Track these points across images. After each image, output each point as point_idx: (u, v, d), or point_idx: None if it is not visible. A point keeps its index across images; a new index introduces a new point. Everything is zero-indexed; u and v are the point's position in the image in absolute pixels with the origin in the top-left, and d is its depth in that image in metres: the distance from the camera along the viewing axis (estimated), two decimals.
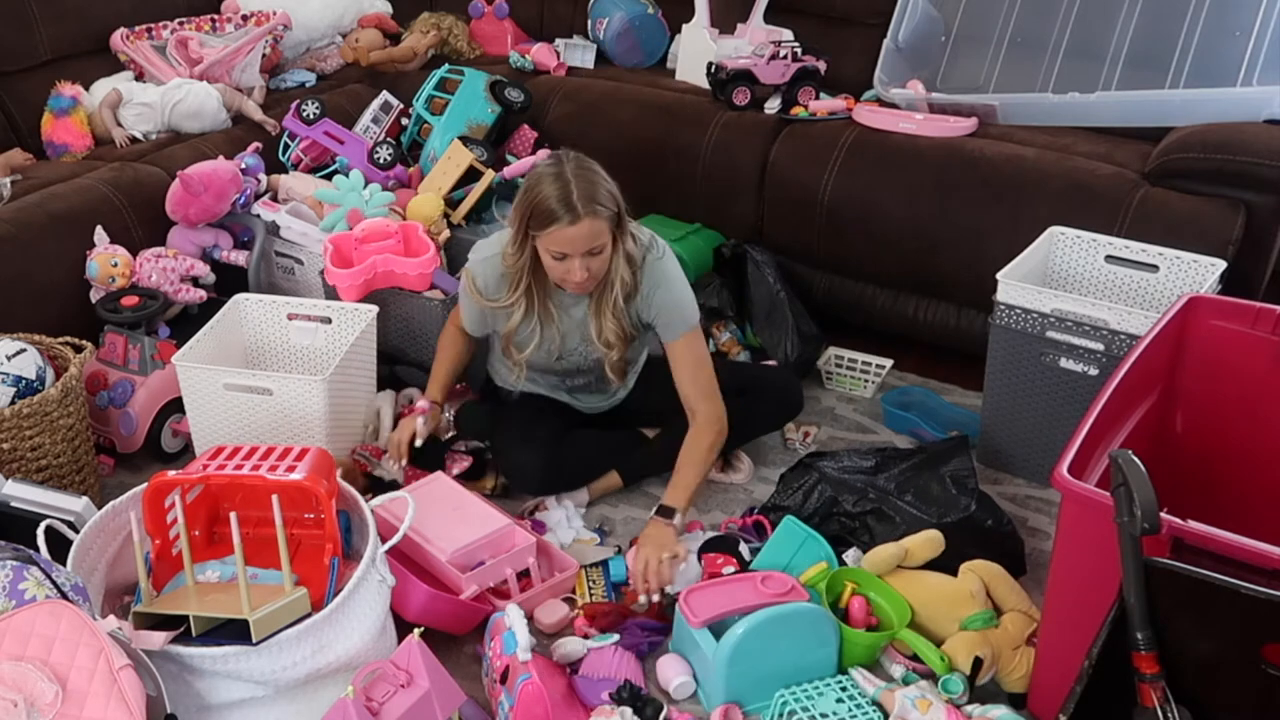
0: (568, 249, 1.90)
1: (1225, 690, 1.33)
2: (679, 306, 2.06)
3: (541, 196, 1.88)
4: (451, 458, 2.23)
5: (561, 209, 1.86)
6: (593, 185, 1.89)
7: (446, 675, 1.61)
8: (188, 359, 2.16)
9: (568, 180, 1.88)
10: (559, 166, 1.91)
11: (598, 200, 1.88)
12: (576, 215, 1.87)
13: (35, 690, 1.34)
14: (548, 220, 1.88)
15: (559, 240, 1.89)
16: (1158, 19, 2.61)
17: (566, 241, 1.89)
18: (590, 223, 1.88)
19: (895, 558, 1.84)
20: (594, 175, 1.92)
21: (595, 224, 1.88)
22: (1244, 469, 1.86)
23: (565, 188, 1.87)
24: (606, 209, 1.90)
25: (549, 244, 1.91)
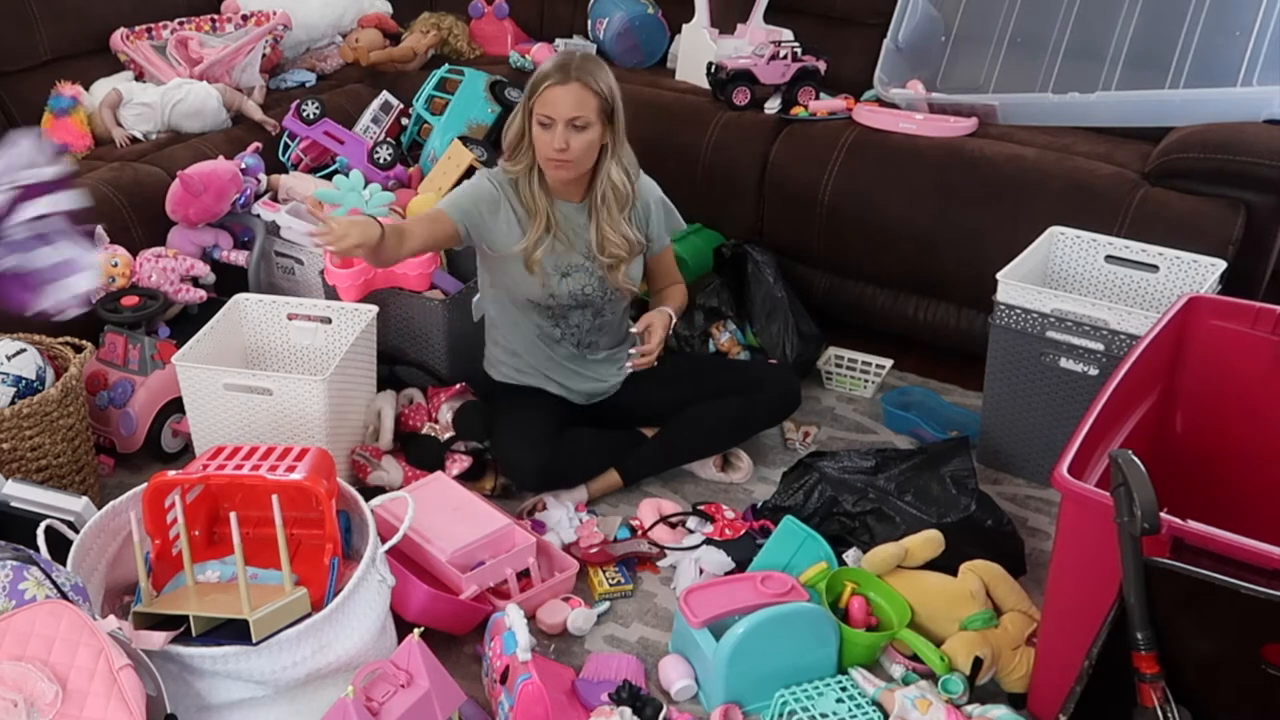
0: (552, 111, 2.00)
1: (1225, 690, 1.33)
2: (671, 213, 2.27)
3: (543, 65, 2.06)
4: (451, 458, 2.23)
5: (554, 69, 2.01)
6: (594, 64, 2.04)
7: (446, 675, 1.61)
8: (188, 359, 2.16)
9: (572, 54, 2.05)
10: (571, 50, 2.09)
11: (592, 75, 2.01)
12: (567, 76, 1.99)
13: (35, 690, 1.34)
14: (539, 81, 2.02)
15: (546, 100, 2.00)
16: (1158, 19, 2.61)
17: (553, 102, 2.00)
18: (578, 88, 1.99)
19: (895, 558, 1.84)
20: (599, 62, 2.07)
21: (583, 93, 2.00)
22: (1244, 469, 1.85)
23: (567, 58, 2.04)
24: (597, 85, 2.02)
25: (538, 106, 2.02)
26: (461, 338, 2.45)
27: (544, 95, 2.00)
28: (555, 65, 2.02)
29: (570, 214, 2.15)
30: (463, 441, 2.26)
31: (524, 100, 2.06)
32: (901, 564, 1.85)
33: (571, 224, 2.16)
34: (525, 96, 2.06)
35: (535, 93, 2.02)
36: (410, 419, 2.35)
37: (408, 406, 2.37)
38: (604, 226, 2.14)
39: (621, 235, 2.15)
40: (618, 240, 2.14)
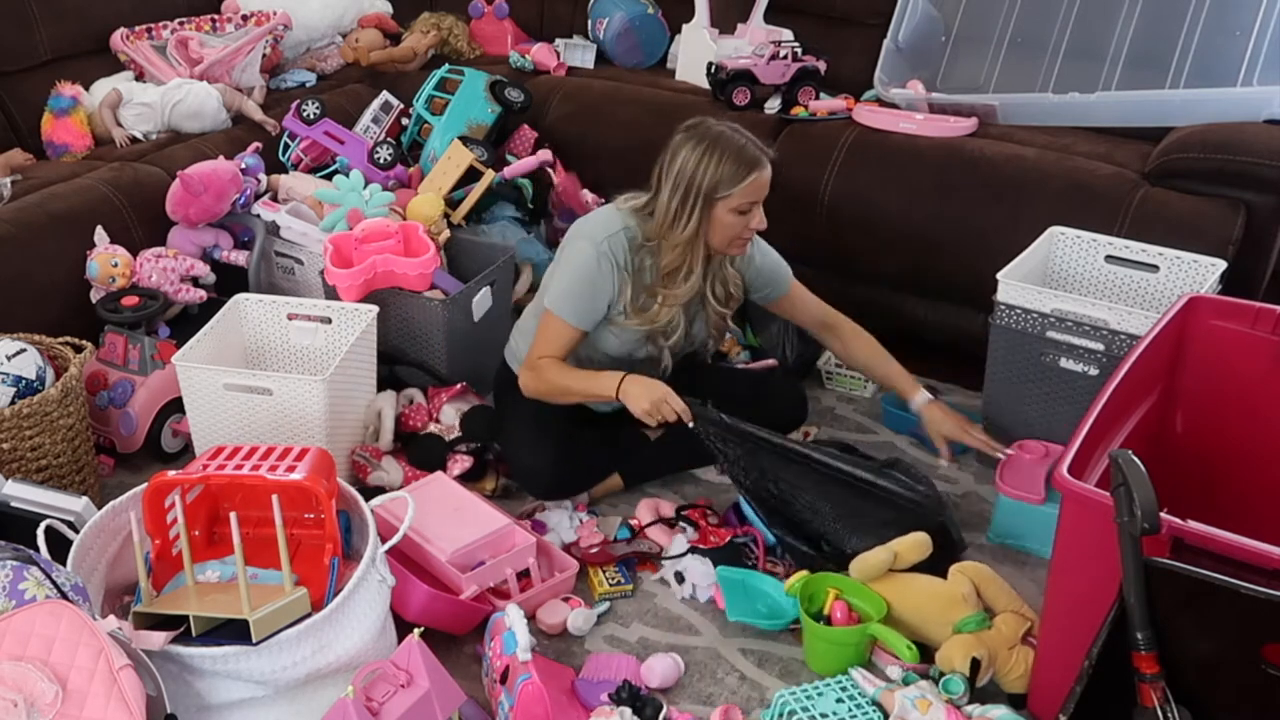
0: (756, 197, 1.98)
1: (1225, 690, 1.33)
2: (777, 257, 2.23)
3: (725, 160, 1.94)
4: (452, 458, 2.23)
5: (751, 163, 1.95)
6: (748, 135, 1.99)
7: (446, 675, 1.61)
8: (188, 359, 2.16)
9: (733, 133, 1.97)
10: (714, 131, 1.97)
11: (762, 146, 1.99)
12: (763, 163, 1.96)
13: (35, 690, 1.34)
14: (741, 177, 1.94)
15: (751, 191, 1.96)
16: (1158, 19, 2.61)
17: (756, 190, 1.97)
18: (769, 167, 1.98)
19: (884, 563, 1.84)
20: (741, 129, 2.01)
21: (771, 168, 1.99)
22: (1244, 469, 1.85)
23: (739, 138, 1.96)
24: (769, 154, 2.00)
25: (739, 200, 1.96)
26: (461, 338, 2.45)
27: (752, 185, 1.95)
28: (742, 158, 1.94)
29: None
30: (464, 443, 2.26)
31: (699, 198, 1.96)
32: (891, 568, 1.85)
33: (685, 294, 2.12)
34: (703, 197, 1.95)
35: (731, 189, 1.95)
36: (411, 419, 2.34)
37: (408, 407, 2.37)
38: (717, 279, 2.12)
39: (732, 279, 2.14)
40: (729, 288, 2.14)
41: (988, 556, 2.06)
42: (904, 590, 1.84)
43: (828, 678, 1.76)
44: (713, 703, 1.77)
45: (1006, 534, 2.10)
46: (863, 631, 1.78)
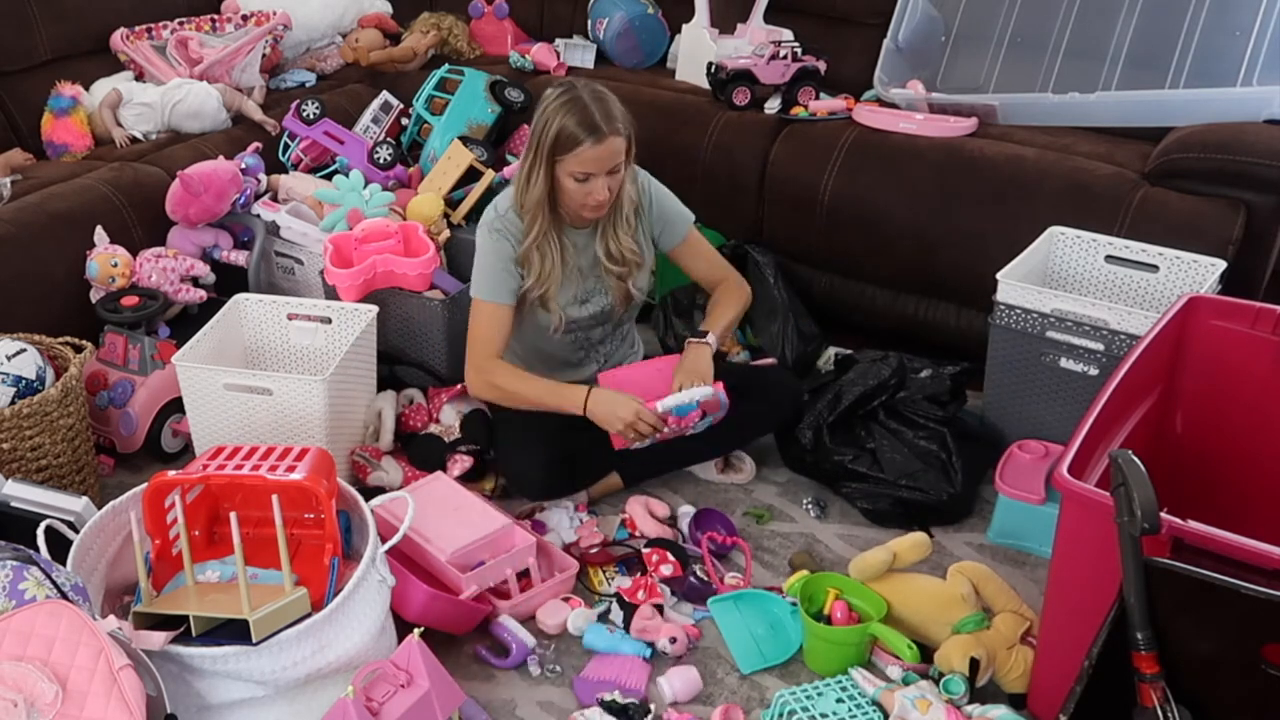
0: (593, 168, 1.96)
1: (1225, 690, 1.33)
2: (676, 208, 2.21)
3: (563, 123, 1.94)
4: (452, 458, 2.23)
5: (586, 131, 1.93)
6: (608, 104, 1.97)
7: (446, 675, 1.61)
8: (188, 359, 2.16)
9: (586, 103, 1.94)
10: (573, 91, 1.96)
11: (616, 118, 1.96)
12: (602, 134, 1.93)
13: (35, 690, 1.34)
14: (573, 143, 1.93)
15: (585, 160, 1.94)
16: (1158, 19, 2.61)
17: (593, 161, 1.95)
18: (613, 140, 1.95)
19: (884, 563, 1.84)
20: (606, 96, 1.98)
21: (617, 141, 1.95)
22: (1244, 469, 1.85)
23: (586, 110, 1.93)
24: (624, 126, 1.97)
25: (573, 166, 1.96)
26: (461, 337, 2.43)
27: (579, 156, 1.94)
28: (580, 122, 1.92)
29: (576, 239, 2.13)
30: (465, 444, 2.26)
31: (544, 157, 1.97)
32: (891, 568, 1.85)
33: (580, 249, 2.14)
34: (545, 154, 1.96)
35: (568, 153, 1.94)
36: (411, 419, 2.35)
37: (408, 407, 2.37)
38: (609, 242, 2.11)
39: (624, 245, 2.12)
40: (625, 251, 2.12)
41: (988, 556, 2.07)
42: (903, 590, 1.84)
43: (828, 678, 1.76)
44: (713, 703, 1.77)
45: (1006, 534, 2.10)
46: (863, 631, 1.78)
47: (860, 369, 2.31)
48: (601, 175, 1.97)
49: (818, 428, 2.23)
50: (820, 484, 2.26)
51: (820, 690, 1.72)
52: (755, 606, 1.94)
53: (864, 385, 2.25)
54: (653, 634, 1.86)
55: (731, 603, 1.94)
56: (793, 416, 2.28)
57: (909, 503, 2.12)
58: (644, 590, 1.94)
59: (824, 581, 1.87)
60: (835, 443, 2.22)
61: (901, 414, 2.24)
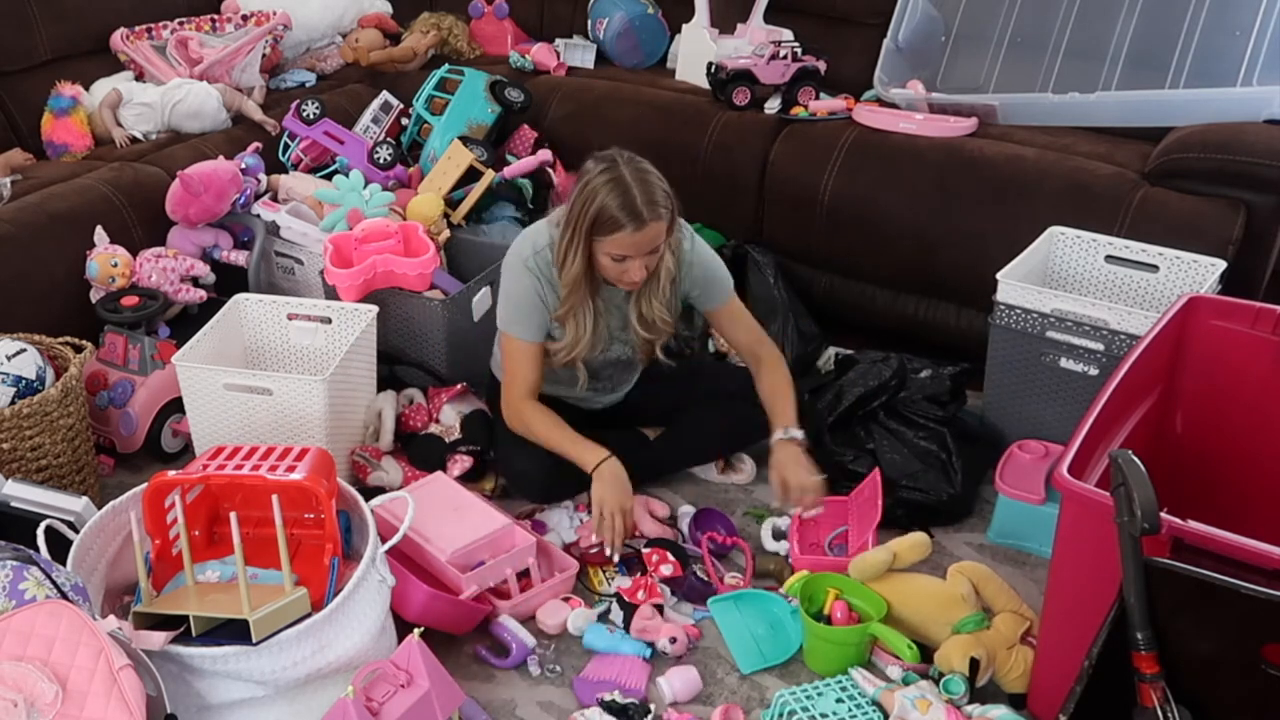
0: (631, 252, 1.92)
1: (1225, 690, 1.33)
2: (719, 274, 2.13)
3: (603, 204, 1.88)
4: (452, 458, 2.23)
5: (627, 216, 1.87)
6: (651, 188, 1.90)
7: (446, 675, 1.61)
8: (188, 359, 2.16)
9: (628, 185, 1.88)
10: (616, 170, 1.90)
11: (658, 202, 1.90)
12: (642, 221, 1.88)
13: (35, 690, 1.34)
14: (612, 228, 1.89)
15: (622, 245, 1.91)
16: (1158, 19, 2.61)
17: (631, 246, 1.90)
18: (654, 226, 1.90)
19: (884, 563, 1.84)
20: (650, 176, 1.92)
21: (657, 226, 1.90)
22: (1244, 469, 1.85)
23: (628, 193, 1.87)
24: (666, 210, 1.91)
25: (611, 249, 1.92)
26: (461, 337, 2.45)
27: (617, 240, 1.90)
28: (621, 207, 1.87)
29: (611, 296, 2.09)
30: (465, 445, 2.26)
31: (583, 234, 1.92)
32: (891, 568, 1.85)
33: (611, 307, 2.10)
34: (585, 232, 1.92)
35: (604, 235, 1.90)
36: (411, 419, 2.34)
37: (408, 407, 2.37)
38: (642, 307, 2.06)
39: (656, 314, 2.07)
40: (657, 320, 2.07)
41: (988, 556, 2.07)
42: (903, 590, 1.84)
43: (828, 678, 1.76)
44: (713, 703, 1.77)
45: (1006, 534, 2.10)
46: (863, 631, 1.78)
47: (861, 370, 2.31)
48: (639, 258, 1.93)
49: (818, 428, 2.23)
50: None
51: (820, 690, 1.72)
52: (755, 606, 1.94)
53: (864, 386, 2.25)
54: (653, 634, 1.86)
55: (731, 603, 1.94)
56: None
57: (909, 503, 2.12)
58: (644, 590, 1.93)
59: (824, 581, 1.87)
60: (835, 443, 2.22)
61: (901, 414, 2.24)
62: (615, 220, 1.88)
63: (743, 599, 1.95)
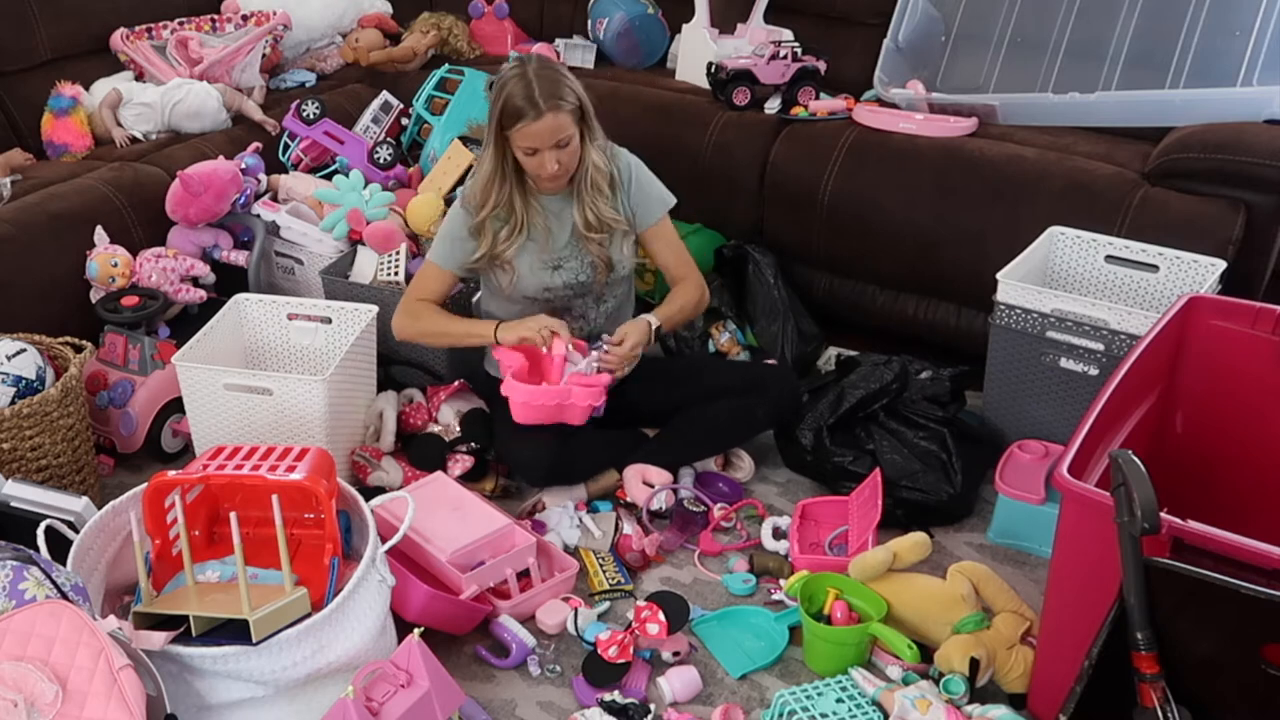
0: (536, 143, 2.01)
1: (1225, 690, 1.33)
2: (655, 188, 2.24)
3: (508, 95, 2.01)
4: (452, 458, 2.23)
5: (526, 105, 1.98)
6: (555, 82, 2.01)
7: (446, 675, 1.61)
8: (188, 359, 2.16)
9: (530, 79, 2.00)
10: (522, 67, 2.02)
11: (560, 95, 2.00)
12: (540, 110, 1.98)
13: (35, 690, 1.34)
14: (515, 117, 2.00)
15: (527, 135, 2.01)
16: (1158, 19, 2.61)
17: (534, 135, 2.00)
18: (554, 116, 1.99)
19: (884, 563, 1.84)
20: (555, 73, 2.04)
21: (559, 117, 2.00)
22: (1244, 469, 1.85)
23: (529, 86, 1.99)
24: (569, 102, 2.01)
25: (519, 140, 2.02)
26: None
27: (522, 131, 2.01)
28: (523, 97, 1.99)
29: (551, 205, 2.17)
30: (464, 444, 2.26)
31: (495, 128, 2.05)
32: (891, 568, 1.85)
33: (554, 215, 2.18)
34: (496, 124, 2.04)
35: (512, 127, 2.02)
36: (411, 418, 2.35)
37: (408, 406, 2.37)
38: (585, 210, 2.15)
39: (602, 213, 2.15)
40: (598, 218, 2.15)
41: (988, 556, 2.07)
42: (903, 590, 1.84)
43: (828, 678, 1.76)
44: (713, 703, 1.77)
45: (1006, 534, 2.10)
46: (863, 631, 1.78)
47: (863, 372, 2.31)
48: (547, 149, 2.02)
49: (818, 429, 2.23)
50: (820, 484, 2.26)
51: (820, 690, 1.72)
52: (737, 623, 1.94)
53: (865, 388, 2.25)
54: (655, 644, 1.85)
55: (715, 622, 1.94)
56: (792, 415, 2.28)
57: (909, 503, 2.12)
58: (617, 647, 1.78)
59: (824, 581, 1.87)
60: (835, 444, 2.22)
61: (901, 414, 2.24)
62: (518, 110, 1.99)
63: (725, 617, 1.95)
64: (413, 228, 2.66)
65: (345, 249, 2.65)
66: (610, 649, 1.79)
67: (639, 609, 1.85)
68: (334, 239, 2.64)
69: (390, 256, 2.57)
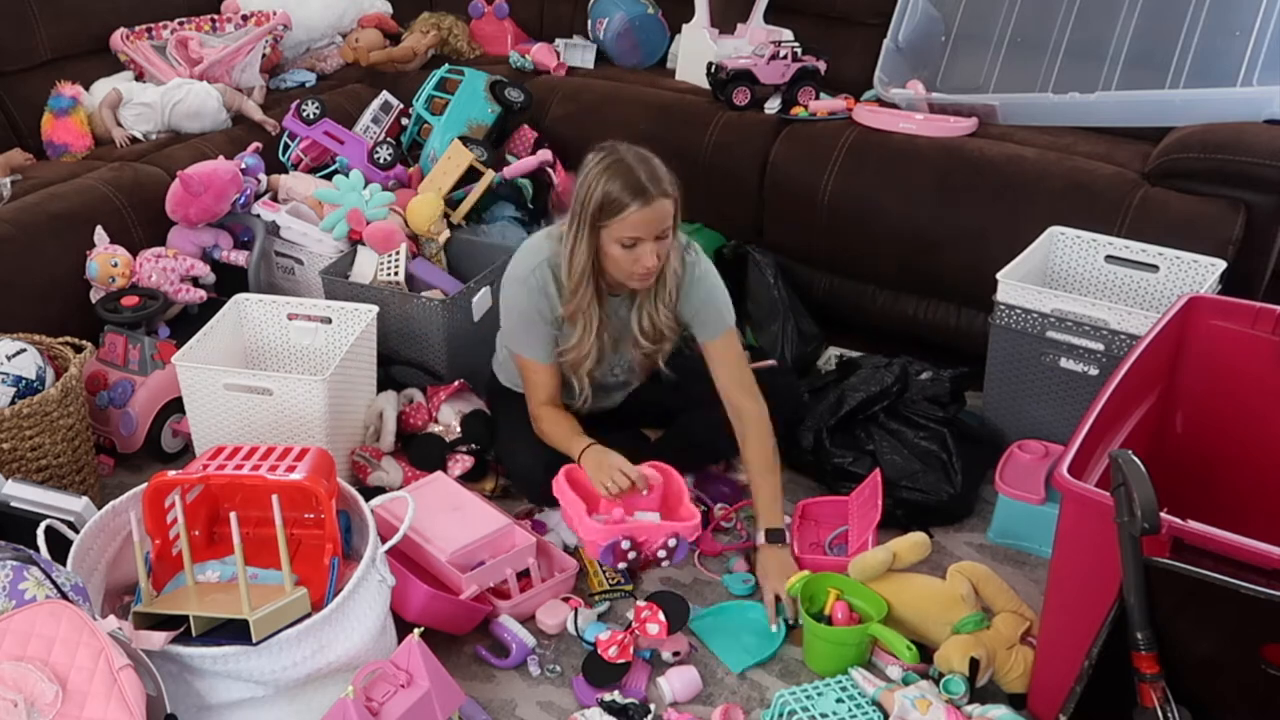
0: (641, 233, 1.88)
1: (1225, 690, 1.33)
2: (720, 303, 2.06)
3: (607, 188, 1.87)
4: (452, 458, 2.23)
5: (632, 194, 1.86)
6: (654, 167, 1.90)
7: (446, 675, 1.61)
8: (188, 359, 2.16)
9: (630, 165, 1.88)
10: (616, 154, 1.90)
11: (663, 179, 1.89)
12: (649, 196, 1.86)
13: (35, 690, 1.34)
14: (619, 208, 1.86)
15: (634, 224, 1.87)
16: (1158, 19, 2.61)
17: (642, 224, 1.87)
18: (662, 202, 1.87)
19: (883, 563, 1.84)
20: (652, 159, 1.92)
21: (665, 204, 1.88)
22: (1244, 469, 1.85)
23: (631, 173, 1.87)
24: (672, 191, 1.90)
25: (621, 231, 1.88)
26: (461, 337, 2.45)
27: (625, 220, 1.86)
28: (626, 185, 1.85)
29: (615, 307, 2.07)
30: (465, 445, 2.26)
31: (588, 223, 1.90)
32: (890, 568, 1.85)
33: (614, 318, 2.07)
34: (590, 220, 1.89)
35: (614, 218, 1.87)
36: (411, 418, 2.34)
37: (408, 405, 2.37)
38: (644, 316, 2.03)
39: (660, 320, 2.03)
40: (654, 327, 2.04)
41: (988, 556, 2.07)
42: (903, 590, 1.84)
43: (828, 678, 1.76)
44: (713, 703, 1.77)
45: (1006, 534, 2.10)
46: (863, 631, 1.78)
47: (864, 375, 2.31)
48: (650, 240, 1.89)
49: (818, 431, 2.23)
50: (820, 485, 2.26)
51: (820, 690, 1.72)
52: (734, 618, 1.94)
53: (866, 391, 2.25)
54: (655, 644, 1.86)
55: (711, 618, 1.94)
56: (793, 418, 2.28)
57: (909, 503, 2.12)
58: (617, 647, 1.79)
59: (825, 581, 1.87)
60: (835, 445, 2.22)
61: (901, 414, 2.24)
62: (620, 201, 1.86)
63: (721, 613, 1.95)
64: (413, 228, 2.66)
65: (345, 249, 2.65)
66: (610, 649, 1.78)
67: (639, 609, 1.84)
68: (334, 239, 2.64)
69: (390, 256, 2.57)
